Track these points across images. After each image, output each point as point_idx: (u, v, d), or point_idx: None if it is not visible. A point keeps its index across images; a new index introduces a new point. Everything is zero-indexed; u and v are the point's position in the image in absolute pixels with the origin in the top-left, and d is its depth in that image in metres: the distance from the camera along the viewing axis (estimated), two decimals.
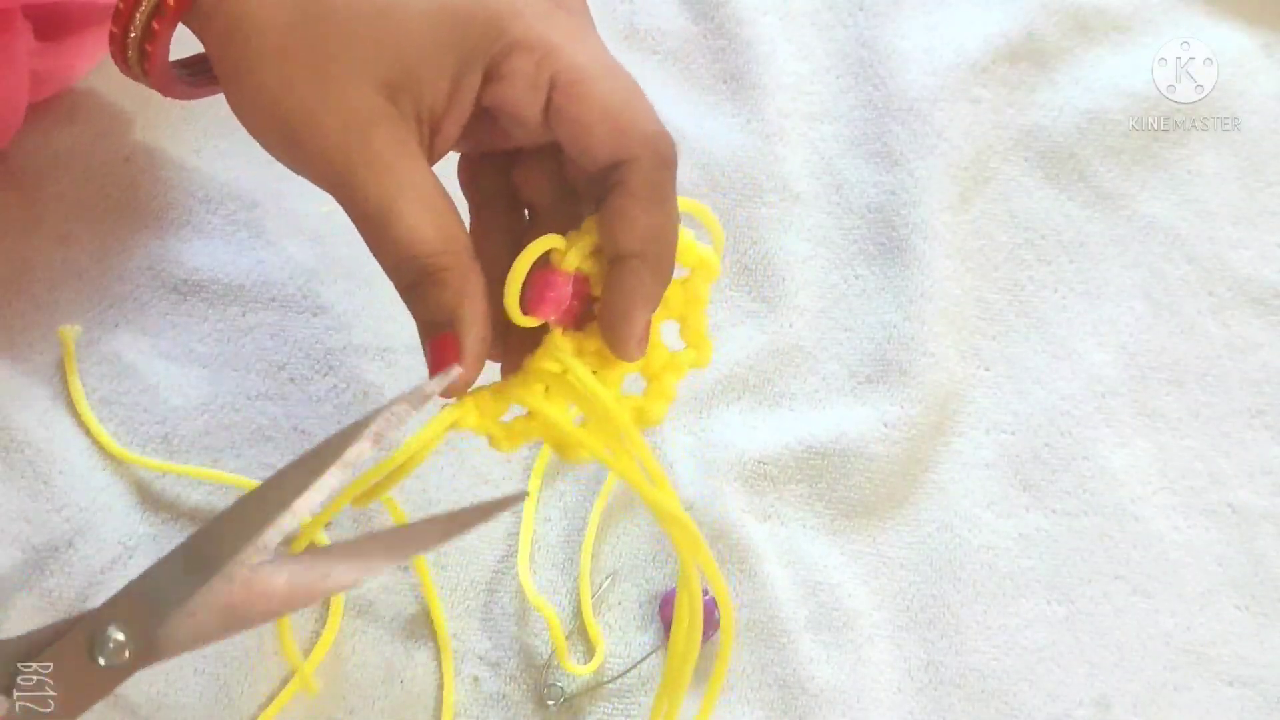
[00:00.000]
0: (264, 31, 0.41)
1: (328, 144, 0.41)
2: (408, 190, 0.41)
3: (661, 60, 0.67)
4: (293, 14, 0.41)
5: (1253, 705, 0.56)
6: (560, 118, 0.42)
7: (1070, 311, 0.63)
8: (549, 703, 0.53)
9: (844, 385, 0.60)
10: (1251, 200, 0.66)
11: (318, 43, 0.41)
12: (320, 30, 0.41)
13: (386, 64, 0.41)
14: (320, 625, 0.53)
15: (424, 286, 0.41)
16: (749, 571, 0.56)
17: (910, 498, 0.59)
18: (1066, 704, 0.56)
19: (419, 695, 0.53)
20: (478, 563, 0.55)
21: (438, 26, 0.41)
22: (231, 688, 0.52)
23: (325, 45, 0.41)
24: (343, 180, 0.41)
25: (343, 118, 0.40)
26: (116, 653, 0.40)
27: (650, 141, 0.42)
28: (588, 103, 0.41)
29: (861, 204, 0.64)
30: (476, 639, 0.54)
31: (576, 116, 0.41)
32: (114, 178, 0.59)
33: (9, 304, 0.57)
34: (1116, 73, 0.67)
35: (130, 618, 0.40)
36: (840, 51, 0.67)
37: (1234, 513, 0.60)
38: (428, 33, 0.41)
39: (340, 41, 0.41)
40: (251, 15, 0.41)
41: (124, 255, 0.58)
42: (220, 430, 0.56)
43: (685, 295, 0.46)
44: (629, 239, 0.42)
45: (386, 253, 0.41)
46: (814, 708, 0.54)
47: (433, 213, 0.41)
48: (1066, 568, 0.58)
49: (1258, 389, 0.62)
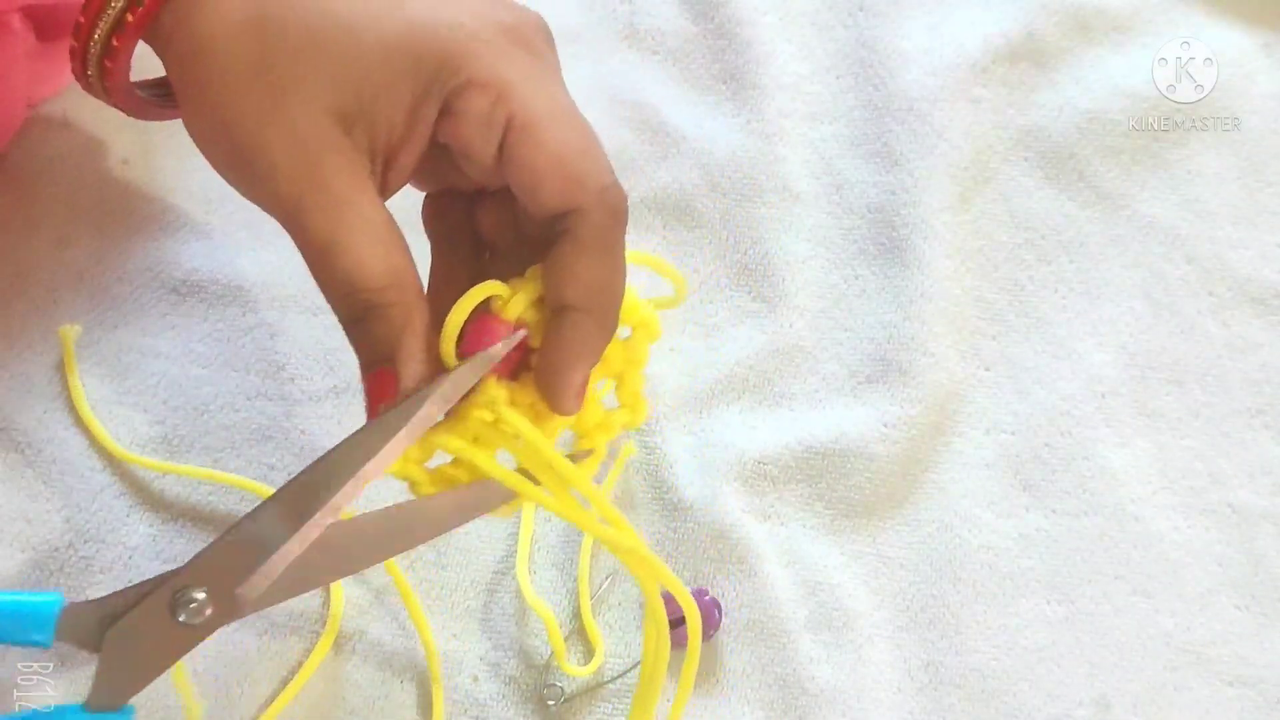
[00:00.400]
0: (221, 55, 0.41)
1: (277, 170, 0.40)
2: (355, 222, 0.40)
3: (661, 60, 0.67)
4: (250, 39, 0.41)
5: (1253, 705, 0.56)
6: (511, 160, 0.41)
7: (1070, 311, 0.63)
8: (549, 703, 0.53)
9: (844, 385, 0.60)
10: (1251, 200, 0.66)
11: (273, 69, 0.40)
12: (276, 57, 0.40)
13: (341, 93, 0.40)
14: (320, 626, 0.53)
15: (366, 322, 0.41)
16: (749, 571, 0.56)
17: (910, 498, 0.59)
18: (1066, 704, 0.56)
19: (418, 696, 0.53)
20: (477, 563, 0.55)
21: (394, 59, 0.41)
22: (231, 688, 0.52)
23: (280, 72, 0.40)
24: (290, 208, 0.41)
25: (293, 144, 0.40)
26: (197, 612, 0.41)
27: (601, 193, 0.41)
28: (540, 148, 0.41)
29: (861, 204, 0.64)
30: (476, 639, 0.54)
31: (527, 161, 0.41)
32: (113, 179, 0.59)
33: (9, 305, 0.57)
34: (1116, 73, 0.67)
35: (210, 578, 0.41)
36: (840, 51, 0.67)
37: (1234, 513, 0.60)
38: (384, 64, 0.41)
39: (296, 69, 0.40)
40: (209, 38, 0.41)
41: (123, 256, 0.58)
42: (220, 430, 0.56)
43: (625, 354, 0.45)
44: (573, 291, 0.41)
45: (330, 286, 0.41)
46: (814, 708, 0.54)
47: (380, 246, 0.41)
48: (1066, 568, 0.58)
49: (1258, 389, 0.62)
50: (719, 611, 0.55)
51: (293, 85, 0.40)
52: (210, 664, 0.52)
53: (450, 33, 0.41)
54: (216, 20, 0.41)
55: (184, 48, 0.41)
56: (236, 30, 0.41)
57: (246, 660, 0.52)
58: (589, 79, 0.66)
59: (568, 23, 0.67)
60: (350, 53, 0.41)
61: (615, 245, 0.42)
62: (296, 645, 0.53)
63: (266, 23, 0.41)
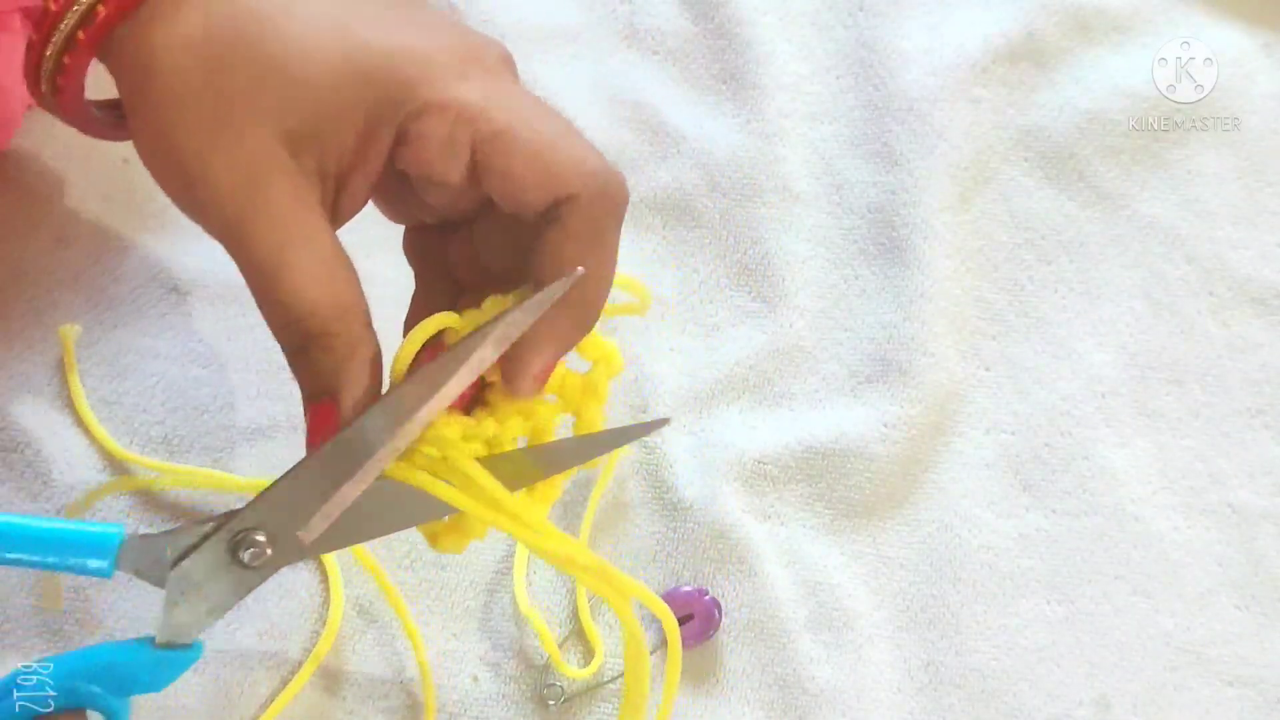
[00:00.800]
0: (169, 73, 0.40)
1: (220, 190, 0.39)
2: (300, 246, 0.40)
3: (661, 60, 0.67)
4: (200, 59, 0.40)
5: (1253, 705, 0.56)
6: (488, 174, 0.41)
7: (1070, 311, 0.63)
8: (549, 703, 0.53)
9: (844, 385, 0.60)
10: (1251, 200, 0.66)
11: (221, 89, 0.40)
12: (225, 77, 0.40)
13: (289, 116, 0.40)
14: (320, 625, 0.53)
15: (308, 352, 0.40)
16: (749, 571, 0.56)
17: (910, 498, 0.59)
18: (1066, 704, 0.56)
19: (418, 695, 0.53)
20: (477, 563, 0.55)
21: (344, 83, 0.40)
22: (231, 688, 0.52)
23: (228, 92, 0.40)
24: (233, 230, 0.40)
25: (238, 165, 0.39)
26: (258, 554, 0.41)
27: (590, 177, 0.41)
28: (512, 152, 0.40)
29: (861, 204, 0.64)
30: (476, 639, 0.54)
31: (503, 168, 0.40)
32: (113, 178, 0.59)
33: (8, 304, 0.57)
34: (1116, 73, 0.67)
35: (271, 521, 0.41)
36: (840, 51, 0.67)
37: (1234, 513, 0.60)
38: (334, 88, 0.40)
39: (243, 90, 0.40)
40: (159, 57, 0.40)
41: (123, 255, 0.58)
42: (220, 430, 0.56)
43: (584, 388, 0.44)
44: (555, 277, 0.40)
45: (271, 311, 0.40)
46: (814, 708, 0.54)
47: (324, 273, 0.40)
48: (1066, 568, 0.58)
49: (1258, 389, 0.62)
50: (719, 611, 0.55)
51: (240, 106, 0.40)
52: (210, 664, 0.52)
53: (403, 56, 0.40)
54: (168, 40, 0.40)
55: (134, 66, 0.41)
56: (187, 50, 0.40)
57: (246, 660, 0.52)
58: (589, 79, 0.66)
59: (568, 23, 0.67)
60: (299, 75, 0.40)
61: (606, 233, 0.42)
62: (296, 645, 0.53)
63: (215, 44, 0.40)
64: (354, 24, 0.41)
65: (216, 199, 0.40)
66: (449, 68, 0.41)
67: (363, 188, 0.42)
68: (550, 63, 0.66)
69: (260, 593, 0.53)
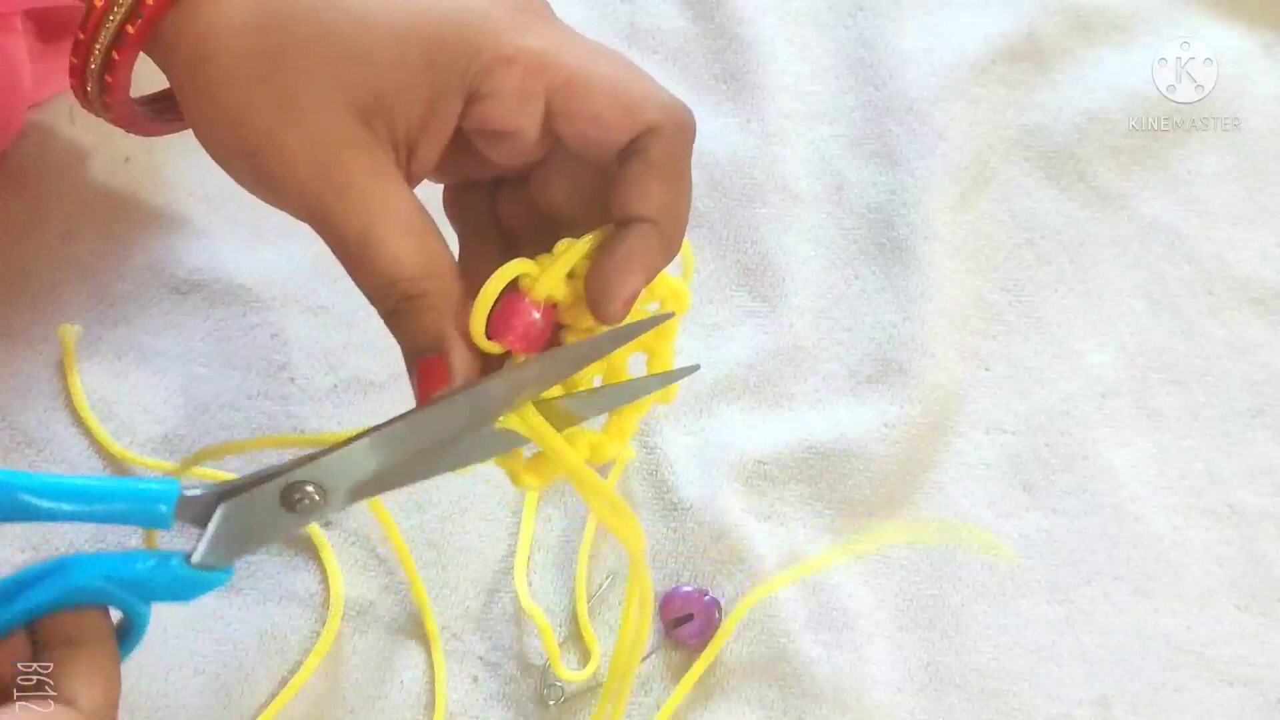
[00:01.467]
0: (227, 57, 0.40)
1: (298, 170, 0.40)
2: (386, 215, 0.40)
3: (661, 60, 0.67)
4: (257, 41, 0.40)
5: (1253, 705, 0.56)
6: (568, 119, 0.41)
7: (1070, 311, 0.63)
8: (549, 703, 0.53)
9: (844, 385, 0.60)
10: (1251, 200, 0.66)
11: (283, 68, 0.40)
12: (286, 55, 0.40)
13: (357, 89, 0.40)
14: (320, 625, 0.54)
15: (407, 312, 0.40)
16: (749, 571, 0.56)
17: (910, 498, 0.59)
18: (1066, 704, 0.56)
19: (418, 695, 0.53)
20: (477, 562, 0.55)
21: (408, 50, 0.40)
22: (231, 688, 0.52)
23: (292, 72, 0.40)
24: (316, 208, 0.40)
25: (312, 143, 0.40)
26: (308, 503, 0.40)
27: (668, 108, 0.41)
28: (591, 93, 0.41)
29: (861, 204, 0.64)
30: (476, 639, 0.54)
31: (583, 110, 0.41)
32: (114, 178, 0.59)
33: (9, 303, 0.57)
34: (1116, 73, 0.67)
35: (330, 474, 0.40)
36: (840, 51, 0.67)
37: (1234, 513, 0.60)
38: (398, 57, 0.40)
39: (307, 68, 0.40)
40: (215, 42, 0.40)
41: (124, 255, 0.58)
42: (220, 430, 0.56)
43: (655, 328, 0.45)
44: (642, 205, 0.41)
45: (367, 279, 0.40)
46: (814, 708, 0.54)
47: (413, 236, 0.40)
48: (1066, 568, 0.58)
49: (1258, 389, 0.62)
50: (719, 611, 0.55)
51: (305, 83, 0.40)
52: (210, 664, 0.52)
53: (461, 16, 0.41)
54: (221, 23, 0.40)
55: (188, 54, 0.41)
56: (242, 31, 0.40)
57: (247, 660, 0.52)
58: None
59: (568, 22, 0.67)
60: (363, 46, 0.40)
61: (683, 165, 0.42)
62: (297, 645, 0.53)
63: (273, 21, 0.40)
64: None
65: (295, 179, 0.40)
66: (507, 20, 0.41)
67: (432, 152, 0.42)
68: None
69: (260, 593, 0.54)
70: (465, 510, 0.56)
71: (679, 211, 0.42)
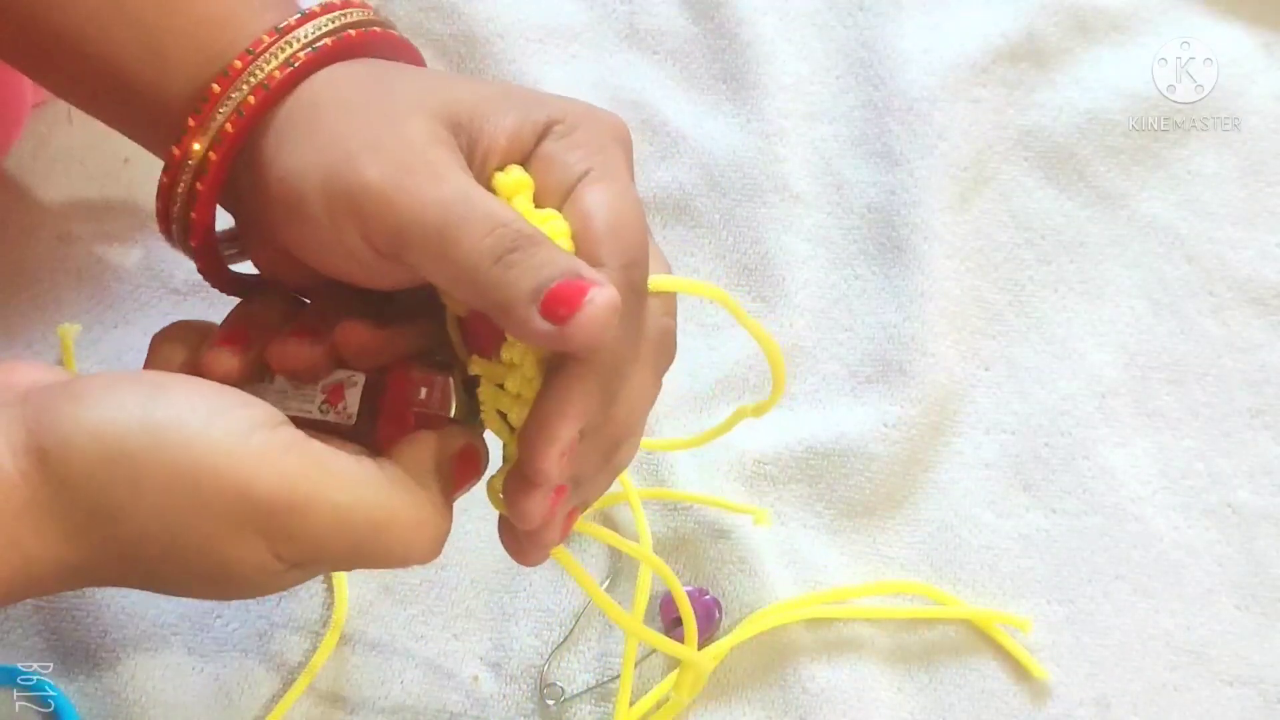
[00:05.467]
0: (332, 91, 0.41)
1: (390, 158, 0.39)
2: (475, 184, 0.39)
3: (661, 60, 0.67)
4: (361, 83, 0.41)
5: (1253, 705, 0.56)
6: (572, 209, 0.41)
7: (1070, 311, 0.63)
8: (549, 702, 0.53)
9: (844, 385, 0.60)
10: (1251, 200, 0.66)
11: (383, 95, 0.40)
12: (385, 86, 0.41)
13: (450, 108, 0.40)
14: (321, 625, 0.53)
15: (527, 248, 0.38)
16: (749, 571, 0.56)
17: (910, 498, 0.59)
18: (1066, 704, 0.56)
19: (418, 695, 0.53)
20: (477, 562, 0.55)
21: (494, 95, 0.41)
22: (231, 688, 0.52)
23: (390, 95, 0.40)
24: (406, 184, 0.38)
25: (404, 139, 0.39)
26: None
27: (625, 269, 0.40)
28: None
29: (861, 204, 0.64)
30: (476, 639, 0.54)
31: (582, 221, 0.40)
32: (114, 178, 0.59)
33: (9, 303, 0.57)
34: (1116, 73, 0.67)
35: None
36: (840, 51, 0.67)
37: (1234, 513, 0.60)
38: (480, 91, 0.41)
39: (403, 92, 0.40)
40: (323, 92, 0.41)
41: (124, 255, 0.58)
42: None
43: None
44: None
45: (475, 227, 0.38)
46: (814, 708, 0.54)
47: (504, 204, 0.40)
48: (1066, 568, 0.58)
49: (1258, 389, 0.62)
50: (719, 611, 0.55)
51: (400, 102, 0.40)
52: (210, 664, 0.52)
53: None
54: (323, 83, 0.41)
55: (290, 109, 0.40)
56: (346, 81, 0.41)
57: (247, 659, 0.52)
58: (589, 78, 0.66)
59: (568, 22, 0.67)
60: (452, 79, 0.41)
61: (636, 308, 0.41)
62: (298, 646, 0.53)
63: (375, 69, 0.41)
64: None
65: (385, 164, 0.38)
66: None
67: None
68: (551, 62, 0.66)
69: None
70: (465, 510, 0.56)
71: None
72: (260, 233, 0.42)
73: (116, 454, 0.36)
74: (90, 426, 0.37)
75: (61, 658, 0.52)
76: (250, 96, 0.40)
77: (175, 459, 0.36)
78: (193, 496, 0.36)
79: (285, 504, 0.37)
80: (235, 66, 0.40)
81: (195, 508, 0.36)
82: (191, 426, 0.37)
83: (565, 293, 0.37)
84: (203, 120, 0.40)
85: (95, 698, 0.52)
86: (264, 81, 0.40)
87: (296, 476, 0.37)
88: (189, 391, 0.38)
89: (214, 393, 0.38)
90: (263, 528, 0.37)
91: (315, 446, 0.38)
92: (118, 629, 0.52)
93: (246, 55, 0.40)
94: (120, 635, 0.52)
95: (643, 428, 0.42)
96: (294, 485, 0.37)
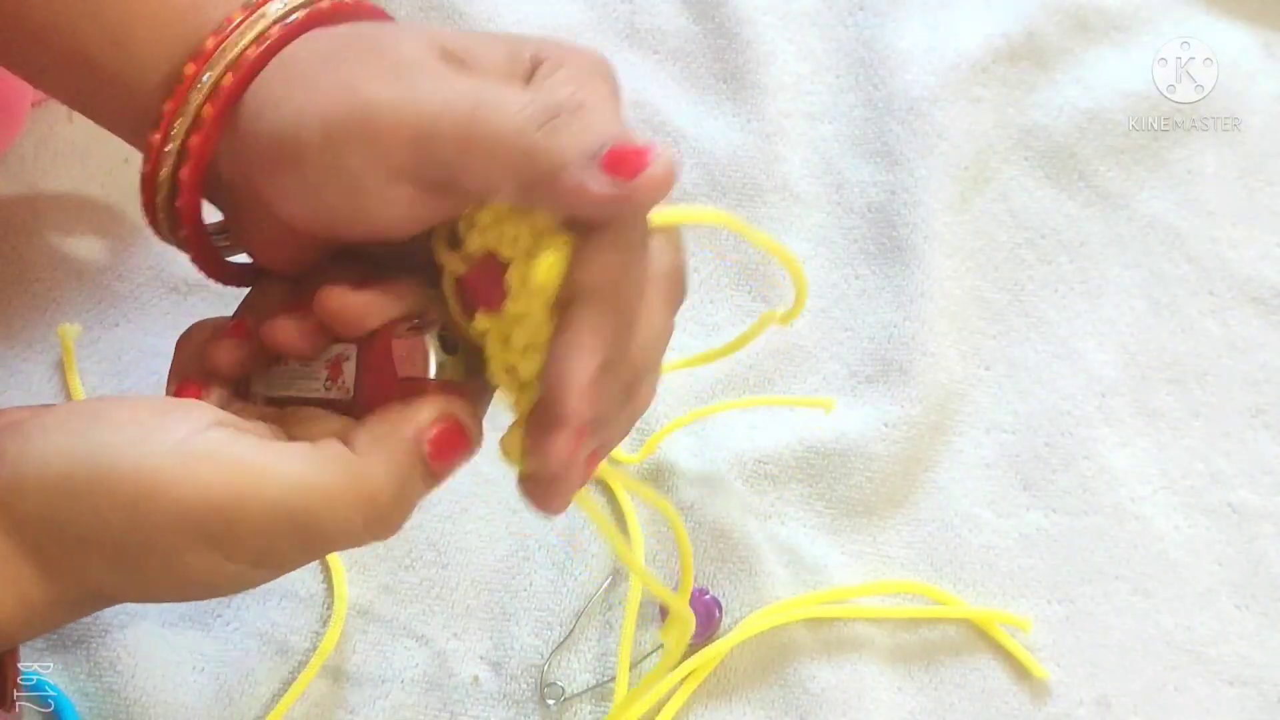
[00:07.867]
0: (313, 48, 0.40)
1: (395, 75, 0.37)
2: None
3: (661, 60, 0.67)
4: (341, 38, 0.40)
5: (1253, 705, 0.56)
6: None
7: (1070, 311, 0.63)
8: (549, 702, 0.53)
9: (844, 385, 0.60)
10: (1251, 200, 0.66)
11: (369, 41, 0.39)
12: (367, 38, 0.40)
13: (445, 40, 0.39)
14: (321, 625, 0.53)
15: (570, 113, 0.36)
16: (749, 571, 0.56)
17: (910, 498, 0.59)
18: (1066, 704, 0.56)
19: (418, 695, 0.53)
20: (477, 562, 0.55)
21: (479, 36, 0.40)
22: (232, 688, 0.52)
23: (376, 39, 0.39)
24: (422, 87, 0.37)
25: (403, 60, 0.38)
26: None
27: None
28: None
29: (861, 204, 0.64)
30: (476, 639, 0.54)
31: None
32: (114, 178, 0.59)
33: (9, 303, 0.57)
34: (1116, 73, 0.67)
35: None
36: (840, 51, 0.67)
37: (1234, 513, 0.60)
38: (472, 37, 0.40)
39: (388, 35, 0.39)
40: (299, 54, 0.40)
41: (124, 255, 0.58)
42: None
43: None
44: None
45: (509, 102, 0.36)
46: (814, 708, 0.54)
47: None
48: (1066, 567, 0.58)
49: (1258, 389, 0.62)
50: (719, 611, 0.55)
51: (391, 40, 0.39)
52: (211, 664, 0.52)
53: None
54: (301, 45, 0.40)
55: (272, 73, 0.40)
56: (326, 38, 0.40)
57: (247, 660, 0.52)
58: None
59: (568, 22, 0.67)
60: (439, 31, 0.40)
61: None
62: (297, 644, 0.53)
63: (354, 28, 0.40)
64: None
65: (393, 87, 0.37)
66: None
67: None
68: None
69: (261, 592, 0.54)
70: (465, 510, 0.56)
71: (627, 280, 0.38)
72: (250, 216, 0.41)
73: (66, 487, 0.37)
74: (37, 466, 0.37)
75: (61, 658, 0.52)
76: (226, 76, 0.39)
77: (117, 484, 0.37)
78: (143, 516, 0.37)
79: (216, 511, 0.37)
80: (207, 46, 0.39)
81: (147, 527, 0.37)
82: (125, 450, 0.37)
83: (627, 151, 0.35)
84: (179, 103, 0.39)
85: (95, 698, 0.52)
86: (238, 59, 0.39)
87: (218, 484, 0.37)
88: (126, 414, 0.38)
89: (149, 412, 0.38)
90: (206, 536, 0.37)
91: (241, 447, 0.37)
92: (118, 629, 0.52)
93: (218, 34, 0.39)
94: (120, 635, 0.52)
95: (659, 366, 0.41)
96: (220, 492, 0.37)
